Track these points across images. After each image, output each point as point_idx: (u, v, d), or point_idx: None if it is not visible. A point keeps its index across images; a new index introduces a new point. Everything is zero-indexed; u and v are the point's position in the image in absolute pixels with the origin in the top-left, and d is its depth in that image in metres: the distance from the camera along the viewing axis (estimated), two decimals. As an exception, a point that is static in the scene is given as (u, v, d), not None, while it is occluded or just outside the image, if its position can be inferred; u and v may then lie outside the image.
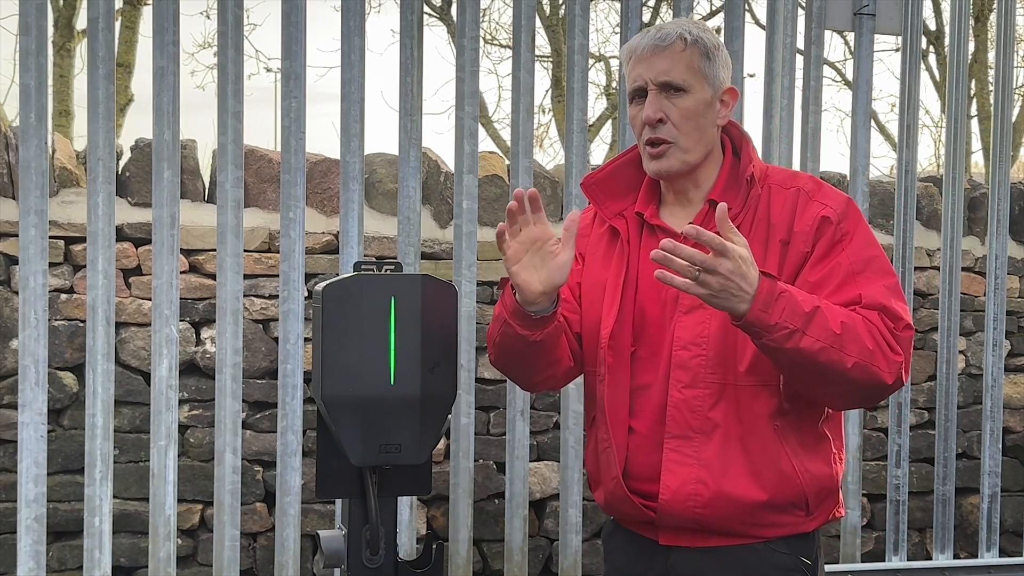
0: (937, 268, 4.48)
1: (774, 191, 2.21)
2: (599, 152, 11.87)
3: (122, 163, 4.30)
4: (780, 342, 2.01)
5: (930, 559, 4.21)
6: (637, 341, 2.21)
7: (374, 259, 4.08)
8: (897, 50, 7.21)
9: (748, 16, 9.30)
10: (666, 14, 11.00)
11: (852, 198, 2.21)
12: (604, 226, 2.33)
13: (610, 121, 11.53)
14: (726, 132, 2.29)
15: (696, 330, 2.16)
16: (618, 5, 6.55)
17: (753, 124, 3.73)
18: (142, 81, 9.33)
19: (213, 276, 4.04)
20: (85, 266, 3.51)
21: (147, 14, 8.94)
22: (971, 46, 9.78)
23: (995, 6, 6.93)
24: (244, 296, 3.78)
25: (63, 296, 4.14)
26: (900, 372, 2.08)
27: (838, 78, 12.78)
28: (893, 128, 11.70)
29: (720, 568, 2.17)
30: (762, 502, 2.14)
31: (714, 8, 11.65)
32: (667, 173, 2.23)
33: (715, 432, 2.14)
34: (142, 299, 4.16)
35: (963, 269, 4.46)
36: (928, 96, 13.04)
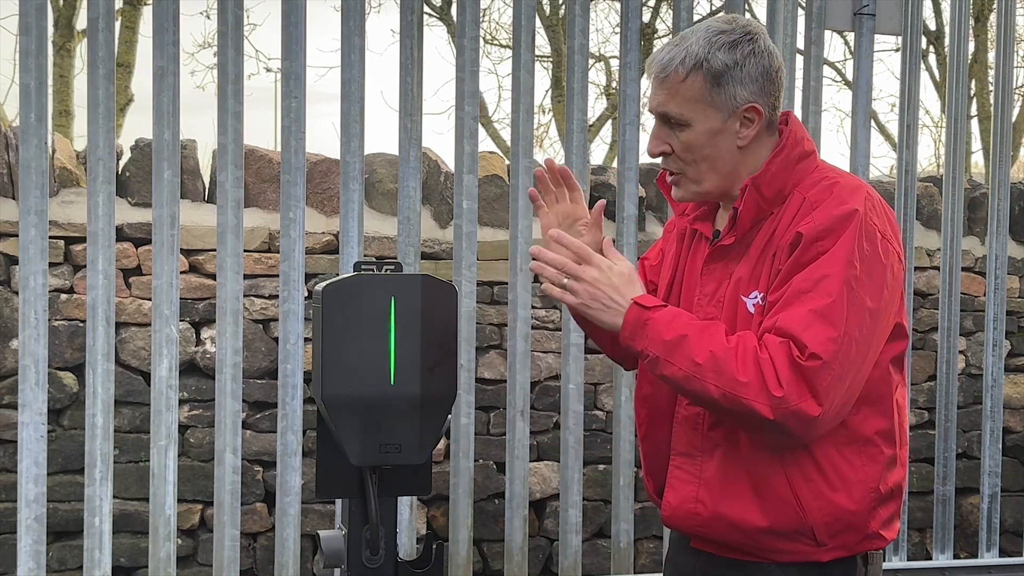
0: (937, 268, 4.48)
1: (793, 198, 2.08)
2: (599, 152, 11.86)
3: (122, 163, 4.30)
4: (649, 368, 2.02)
5: (930, 559, 4.21)
6: None
7: (374, 259, 4.08)
8: (897, 50, 7.21)
9: (748, 16, 9.31)
10: (666, 14, 10.99)
11: (857, 210, 2.00)
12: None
13: (610, 121, 11.52)
14: (784, 124, 2.14)
15: None
16: (618, 5, 6.56)
17: (753, 124, 3.73)
18: (142, 81, 9.32)
19: (213, 276, 4.04)
20: (85, 266, 3.51)
21: (147, 14, 8.93)
22: (971, 46, 9.78)
23: (995, 6, 6.92)
24: (244, 296, 3.78)
25: (63, 296, 4.14)
26: (786, 406, 1.92)
27: (838, 78, 12.77)
28: (893, 128, 11.70)
29: None
30: (761, 527, 2.06)
31: (714, 8, 11.64)
32: (683, 202, 2.17)
33: (715, 451, 2.08)
34: (142, 299, 4.16)
35: (963, 269, 4.46)
36: (928, 96, 13.03)
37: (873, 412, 2.08)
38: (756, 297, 2.06)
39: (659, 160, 2.15)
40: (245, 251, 4.03)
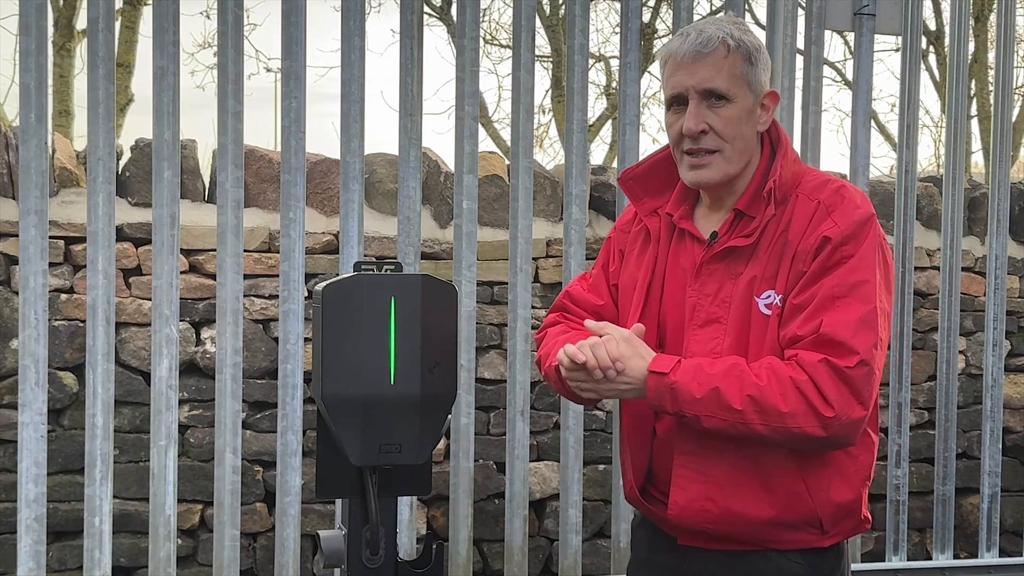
0: (937, 268, 4.48)
1: (800, 201, 2.13)
2: (599, 152, 11.85)
3: (122, 163, 4.30)
4: (690, 424, 2.06)
5: (930, 559, 4.21)
6: (661, 344, 2.19)
7: (374, 259, 4.08)
8: (897, 50, 7.21)
9: (748, 16, 9.32)
10: (666, 14, 10.99)
11: (873, 215, 2.11)
12: (642, 223, 2.29)
13: (610, 121, 11.51)
14: (767, 133, 2.21)
15: (709, 346, 2.12)
16: (618, 5, 6.56)
17: (753, 124, 3.72)
18: (142, 81, 9.32)
19: (213, 276, 4.04)
20: (85, 266, 3.51)
21: (147, 14, 8.92)
22: (971, 46, 9.78)
23: (995, 6, 6.92)
24: (244, 296, 3.78)
25: (63, 296, 4.14)
26: (839, 422, 2.00)
27: (838, 78, 12.77)
28: (893, 128, 11.70)
29: (734, 571, 2.17)
30: (771, 521, 2.11)
31: (714, 8, 11.64)
32: (707, 184, 2.16)
33: (726, 450, 2.10)
34: (142, 299, 4.16)
35: (963, 269, 4.46)
36: (928, 96, 13.03)
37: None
38: (769, 297, 2.10)
39: (687, 143, 2.14)
40: (245, 251, 4.03)
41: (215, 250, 3.50)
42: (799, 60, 3.84)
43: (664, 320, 2.19)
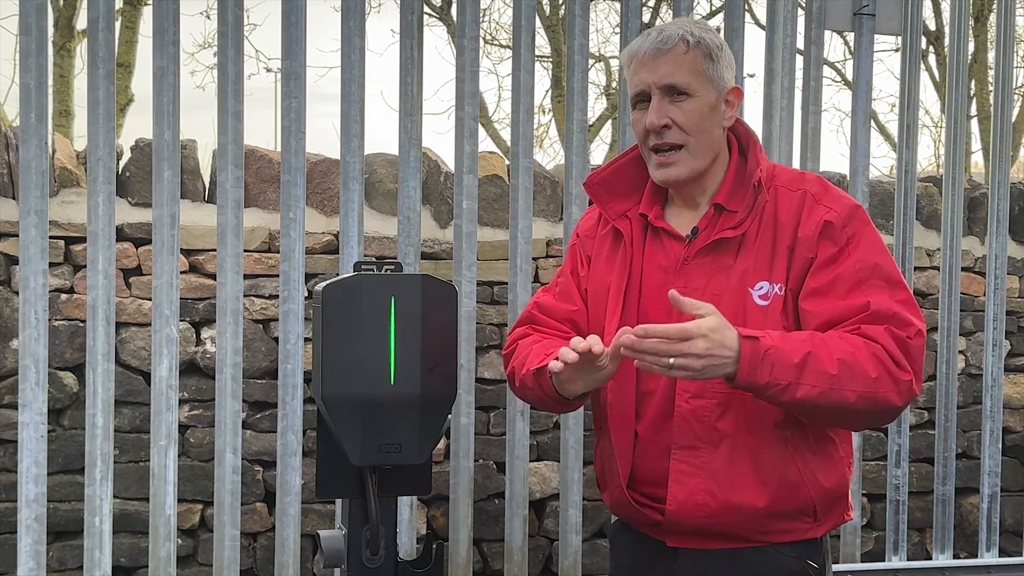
0: (937, 268, 4.48)
1: (780, 193, 2.17)
2: (599, 152, 11.86)
3: (122, 163, 4.30)
4: (776, 397, 2.01)
5: (930, 559, 4.21)
6: None
7: (374, 259, 4.08)
8: (897, 50, 7.21)
9: (748, 16, 9.31)
10: (666, 14, 10.99)
11: (860, 203, 2.21)
12: (608, 226, 2.30)
13: (610, 121, 11.52)
14: (732, 131, 2.25)
15: None
16: (618, 5, 6.56)
17: (753, 124, 3.70)
18: (142, 81, 9.33)
19: (213, 276, 4.04)
20: (85, 266, 3.51)
21: (147, 14, 8.94)
22: (971, 46, 9.78)
23: (995, 6, 6.91)
24: (244, 296, 3.78)
25: (63, 296, 4.14)
26: (911, 390, 2.05)
27: (838, 78, 12.78)
28: (893, 128, 11.70)
29: (728, 570, 2.17)
30: (769, 511, 2.13)
31: (714, 8, 11.64)
32: (675, 181, 2.19)
33: (722, 442, 2.12)
34: (142, 299, 4.16)
35: (963, 269, 4.45)
36: (928, 96, 13.05)
37: None
38: (763, 288, 2.12)
39: (652, 138, 2.17)
40: (245, 251, 4.03)
41: (215, 250, 3.50)
42: (799, 60, 3.84)
43: (646, 319, 2.18)
